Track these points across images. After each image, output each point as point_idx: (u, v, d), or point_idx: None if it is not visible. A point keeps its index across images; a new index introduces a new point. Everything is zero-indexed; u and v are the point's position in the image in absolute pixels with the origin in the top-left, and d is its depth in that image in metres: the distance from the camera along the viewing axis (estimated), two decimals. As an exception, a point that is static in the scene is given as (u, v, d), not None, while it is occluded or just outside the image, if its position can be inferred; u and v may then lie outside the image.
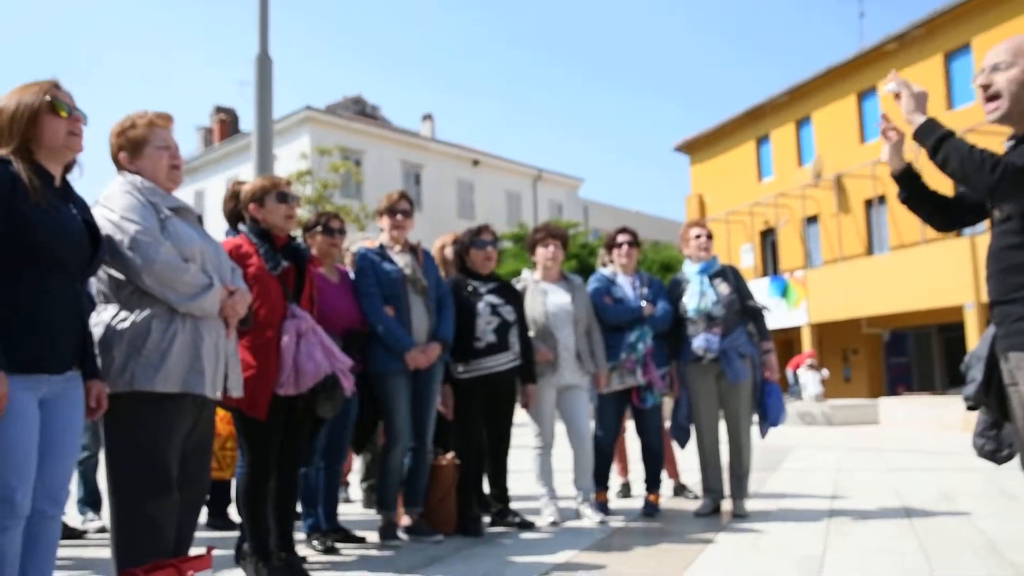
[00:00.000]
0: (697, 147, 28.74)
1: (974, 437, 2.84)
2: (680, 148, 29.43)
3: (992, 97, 2.48)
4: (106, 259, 2.70)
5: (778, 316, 22.54)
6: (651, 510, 5.35)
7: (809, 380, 17.66)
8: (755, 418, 5.36)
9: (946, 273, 17.76)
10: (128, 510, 2.72)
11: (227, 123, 36.63)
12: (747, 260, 25.99)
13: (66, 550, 4.34)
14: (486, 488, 5.20)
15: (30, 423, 2.38)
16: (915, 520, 4.89)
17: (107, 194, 2.83)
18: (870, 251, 22.30)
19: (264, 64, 8.02)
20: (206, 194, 33.02)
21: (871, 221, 22.54)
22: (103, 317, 2.78)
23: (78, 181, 2.71)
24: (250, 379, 3.35)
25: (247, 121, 35.79)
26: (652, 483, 5.43)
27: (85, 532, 4.98)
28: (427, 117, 37.15)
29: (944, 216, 2.83)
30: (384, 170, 31.04)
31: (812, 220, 24.34)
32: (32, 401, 2.39)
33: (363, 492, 6.08)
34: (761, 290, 23.07)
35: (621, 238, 5.55)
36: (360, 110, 35.86)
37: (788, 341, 23.40)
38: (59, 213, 2.50)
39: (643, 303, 5.30)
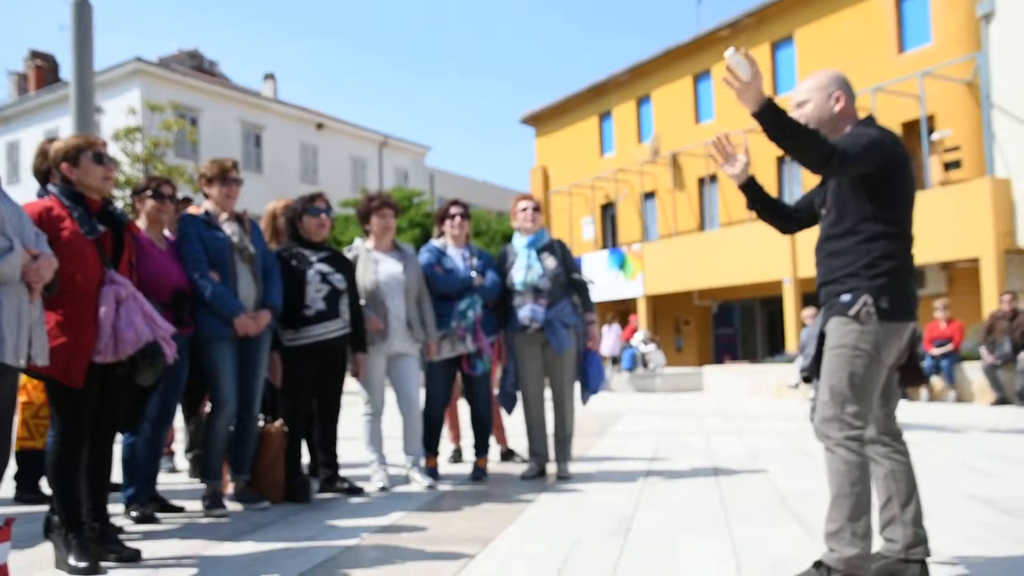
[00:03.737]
0: (542, 120, 29.21)
1: (810, 410, 3.27)
2: (526, 120, 29.81)
3: None
4: None
5: (616, 287, 23.41)
6: (479, 474, 5.52)
7: (653, 352, 18.55)
8: (578, 386, 5.62)
9: (769, 250, 18.97)
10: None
11: (44, 70, 34.03)
12: (588, 233, 26.77)
13: None
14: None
15: None
16: (720, 478, 5.30)
17: None
18: (702, 227, 23.48)
19: (83, 10, 7.51)
20: (20, 146, 30.64)
21: (704, 198, 23.70)
22: None
23: None
24: (64, 346, 3.22)
25: (68, 69, 33.40)
26: (480, 448, 5.61)
27: None
28: (269, 76, 35.81)
29: (787, 222, 3.30)
30: (222, 130, 29.79)
31: (650, 196, 25.33)
32: None
33: (188, 462, 5.93)
34: (600, 262, 23.87)
35: (453, 210, 5.65)
36: (197, 65, 34.15)
37: (624, 311, 24.35)
38: None
39: (473, 274, 5.43)
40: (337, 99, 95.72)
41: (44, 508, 4.31)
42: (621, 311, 24.14)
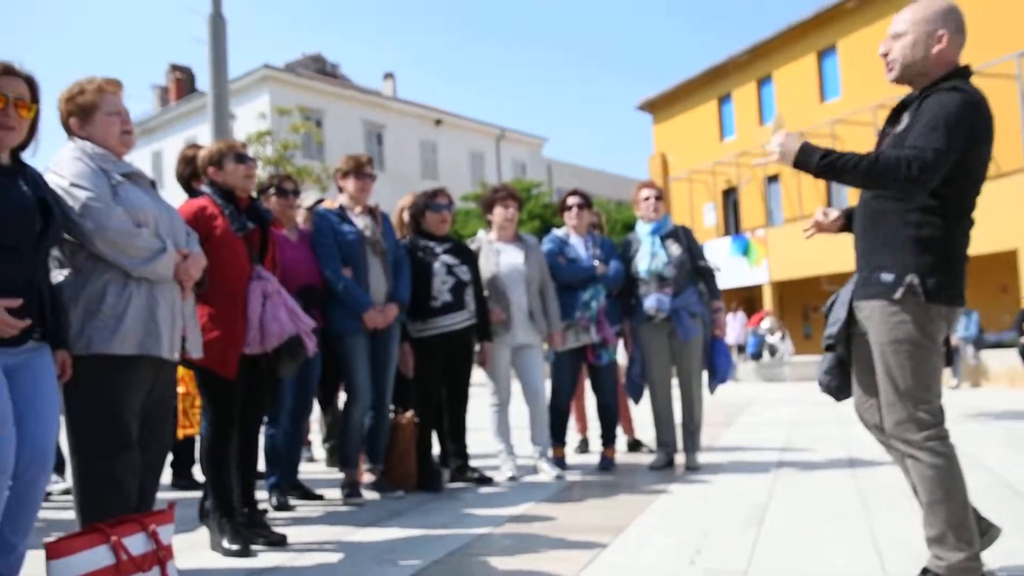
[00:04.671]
0: (659, 106, 28.78)
1: (820, 373, 3.05)
2: (643, 107, 29.44)
3: (889, 63, 2.68)
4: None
5: (740, 274, 22.87)
6: (607, 464, 5.52)
7: (780, 342, 18.06)
8: (706, 375, 5.53)
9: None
10: (90, 469, 2.79)
11: (183, 82, 35.91)
12: (709, 219, 26.24)
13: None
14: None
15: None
16: (857, 469, 5.11)
17: (57, 160, 2.86)
18: (829, 209, 22.61)
19: (218, 24, 7.93)
20: (164, 154, 32.47)
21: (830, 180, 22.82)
22: (59, 282, 2.82)
23: (32, 158, 2.74)
24: (219, 339, 3.42)
25: (204, 80, 35.12)
26: (608, 438, 5.59)
27: (50, 494, 5.03)
28: (388, 76, 36.72)
29: None
30: (345, 130, 30.71)
31: (773, 179, 24.59)
32: None
33: (325, 452, 6.18)
34: (723, 249, 23.35)
35: (571, 200, 5.64)
36: (320, 68, 35.33)
37: (749, 299, 23.76)
38: (7, 194, 2.52)
39: (596, 263, 5.42)
40: (454, 94, 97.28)
41: (197, 494, 4.59)
42: (745, 298, 23.57)
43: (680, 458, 5.53)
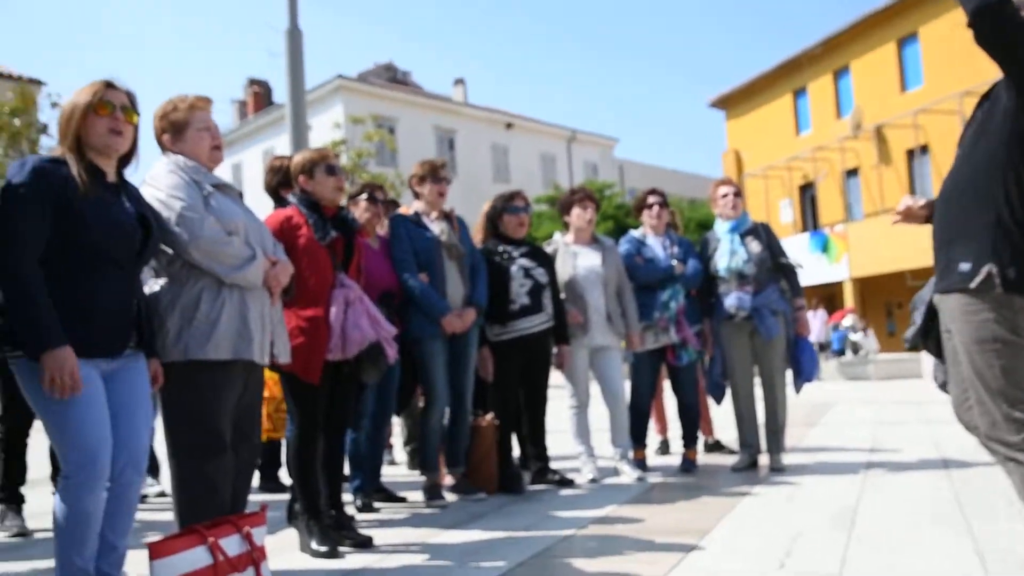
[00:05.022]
0: (732, 102, 28.34)
1: (934, 370, 2.90)
2: (715, 104, 29.04)
3: None
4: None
5: (819, 271, 22.34)
6: (688, 466, 5.45)
7: (864, 338, 17.58)
8: (789, 374, 5.42)
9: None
10: (187, 471, 2.89)
11: (261, 95, 36.86)
12: (786, 215, 25.72)
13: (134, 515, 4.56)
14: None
15: (97, 395, 2.56)
16: (952, 471, 4.93)
17: (153, 174, 2.98)
18: (912, 202, 21.91)
19: (295, 37, 8.11)
20: (243, 166, 33.35)
21: (913, 171, 22.14)
22: (156, 291, 2.93)
23: (134, 174, 2.87)
24: (303, 345, 3.50)
25: (280, 92, 35.89)
26: (689, 440, 5.53)
27: (146, 496, 5.21)
28: (459, 81, 37.02)
29: None
30: (417, 137, 31.08)
31: (852, 173, 23.97)
32: (96, 375, 2.57)
33: (407, 455, 6.26)
34: (801, 245, 22.85)
35: (651, 199, 5.59)
36: (392, 77, 35.86)
37: (830, 296, 23.19)
38: (110, 208, 2.65)
39: (674, 262, 5.36)
40: (524, 98, 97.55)
41: (284, 497, 4.70)
42: (825, 296, 23.01)
43: (764, 459, 5.42)
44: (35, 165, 2.54)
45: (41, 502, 2.92)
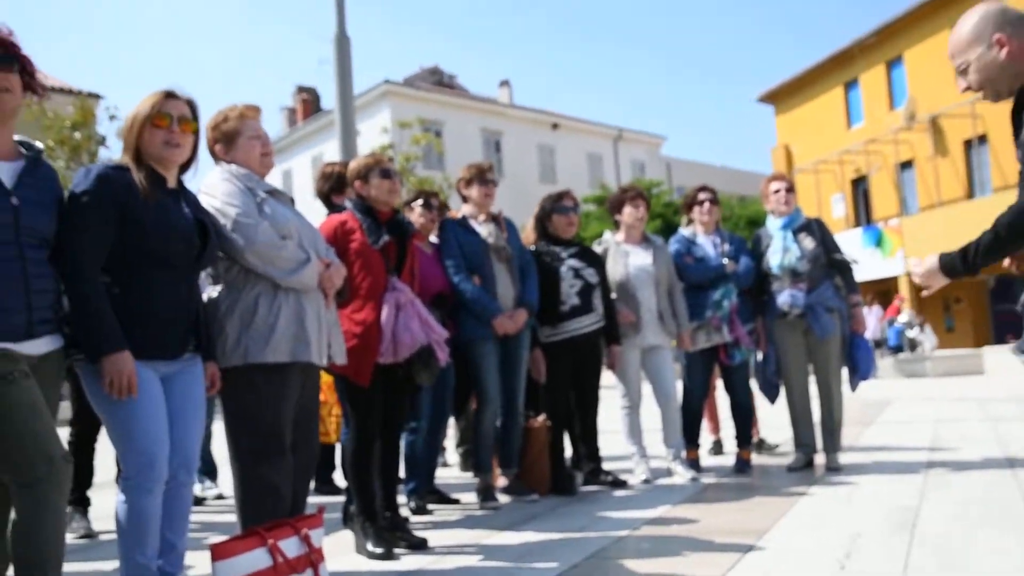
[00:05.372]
0: (781, 96, 27.94)
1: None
2: (763, 98, 28.66)
3: (978, 92, 2.49)
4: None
5: (873, 266, 21.91)
6: (743, 466, 5.38)
7: (921, 334, 17.21)
8: (845, 372, 5.32)
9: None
10: (249, 475, 2.95)
11: (309, 102, 37.34)
12: (838, 211, 25.28)
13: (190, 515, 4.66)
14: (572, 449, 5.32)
15: (156, 398, 2.63)
16: (1018, 470, 4.79)
17: (208, 182, 3.05)
18: (971, 194, 21.39)
19: (343, 44, 8.21)
20: (293, 173, 33.82)
21: (971, 162, 21.60)
22: (214, 297, 2.99)
23: (192, 179, 2.94)
24: (355, 348, 3.53)
25: (328, 99, 36.36)
26: (743, 439, 5.46)
27: (204, 499, 5.32)
28: (504, 83, 37.09)
29: None
30: (464, 139, 31.20)
31: (906, 165, 23.46)
32: (154, 378, 2.64)
33: (459, 457, 6.29)
34: (854, 241, 22.43)
35: (702, 196, 5.54)
36: (438, 80, 36.05)
37: (884, 292, 22.73)
38: (170, 214, 2.72)
39: (725, 260, 5.30)
40: (570, 98, 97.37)
41: (339, 499, 4.75)
42: (879, 292, 22.55)
43: (820, 459, 5.33)
44: (99, 173, 2.63)
45: (107, 505, 3.01)
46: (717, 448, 6.44)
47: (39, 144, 2.62)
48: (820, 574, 2.91)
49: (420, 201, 4.71)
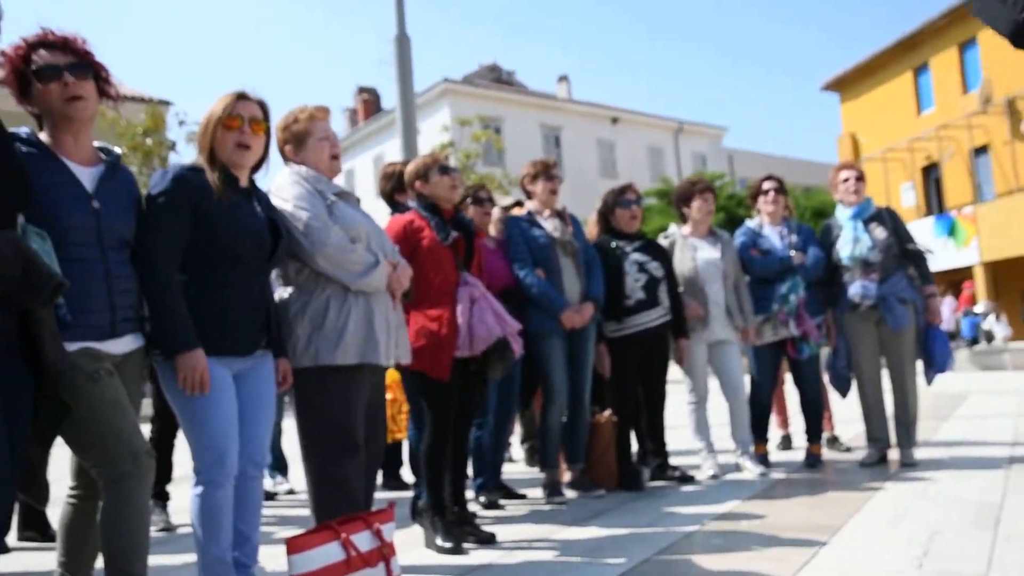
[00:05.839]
0: (847, 83, 27.27)
1: None
2: (829, 86, 28.02)
3: None
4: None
5: (946, 256, 21.26)
6: (813, 461, 5.28)
7: (995, 324, 16.66)
8: (920, 365, 5.18)
9: None
10: (322, 472, 3.00)
11: (370, 102, 37.75)
12: (908, 199, 24.59)
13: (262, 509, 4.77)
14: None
15: (228, 395, 2.69)
16: (1105, 464, 4.61)
17: (278, 184, 3.10)
18: (1050, 180, 20.59)
19: (403, 43, 8.29)
20: (355, 173, 34.25)
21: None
22: (285, 298, 3.05)
23: (264, 178, 3.01)
24: (432, 344, 3.58)
25: (388, 98, 36.78)
26: (813, 434, 5.35)
27: (276, 494, 5.43)
28: (563, 78, 36.97)
29: None
30: (523, 135, 31.20)
31: (981, 151, 22.70)
32: (227, 375, 2.71)
33: (524, 452, 6.30)
34: (925, 230, 21.80)
35: (767, 185, 5.45)
36: (496, 77, 36.11)
37: (956, 282, 22.03)
38: (242, 213, 2.78)
39: (792, 252, 5.20)
40: (630, 91, 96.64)
41: (406, 494, 4.80)
42: (952, 282, 21.87)
43: (894, 454, 5.20)
44: (175, 174, 2.70)
45: (186, 499, 3.10)
46: (786, 443, 6.33)
47: (118, 149, 2.71)
48: (898, 572, 2.84)
49: (469, 199, 4.73)
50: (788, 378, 5.85)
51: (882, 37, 50.01)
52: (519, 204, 5.36)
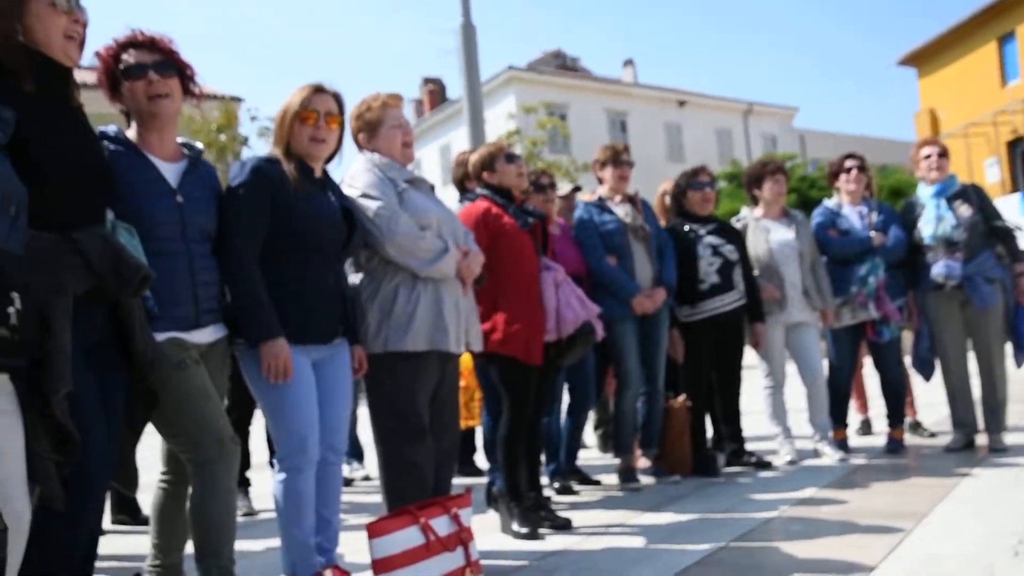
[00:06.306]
0: (925, 58, 26.31)
1: None
2: (904, 61, 27.08)
3: None
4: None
5: (1033, 234, 20.42)
6: (895, 446, 5.14)
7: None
8: (1009, 347, 4.98)
9: None
10: (392, 455, 3.05)
11: (435, 93, 37.93)
12: (992, 175, 23.65)
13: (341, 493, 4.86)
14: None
15: (308, 383, 2.75)
16: None
17: (351, 173, 3.15)
18: None
19: (468, 32, 8.29)
20: (422, 163, 34.50)
21: None
22: (356, 285, 3.09)
23: (336, 168, 3.06)
24: (522, 330, 3.58)
25: (453, 89, 36.93)
26: (895, 419, 5.21)
27: (352, 480, 5.53)
28: (628, 63, 36.59)
29: None
30: (589, 121, 30.98)
31: (1070, 123, 21.69)
32: (306, 363, 2.76)
33: (597, 438, 6.28)
34: (1012, 207, 20.95)
35: (849, 163, 5.29)
36: (561, 64, 35.92)
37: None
38: (318, 202, 2.83)
39: (872, 233, 5.04)
40: (696, 74, 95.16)
41: (481, 480, 4.83)
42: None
43: (981, 439, 5.02)
44: (253, 166, 2.77)
45: (264, 485, 3.19)
46: (866, 428, 6.18)
47: (199, 145, 2.79)
48: (991, 560, 2.74)
49: (531, 187, 4.70)
50: (867, 362, 5.70)
51: (961, 7, 48.14)
52: (578, 190, 5.34)
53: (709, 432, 5.11)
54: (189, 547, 2.70)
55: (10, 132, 1.90)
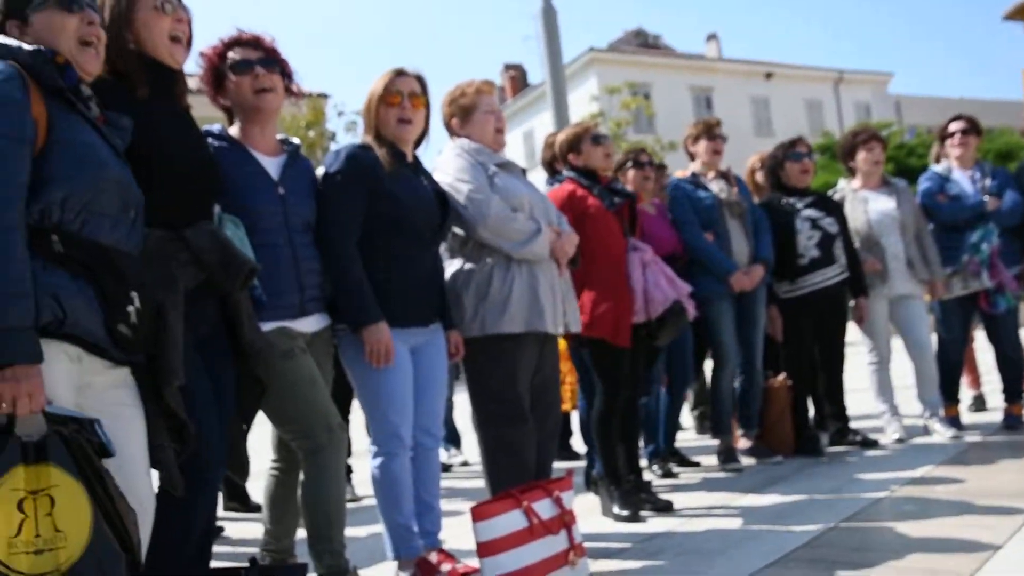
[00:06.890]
0: (1032, 12, 24.87)
1: None
2: (1011, 15, 25.66)
3: None
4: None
5: None
6: (1013, 422, 4.90)
7: None
8: None
9: None
10: (493, 439, 3.07)
11: (517, 79, 37.93)
12: (1109, 135, 22.26)
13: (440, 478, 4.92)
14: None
15: (405, 369, 2.79)
16: None
17: (442, 159, 3.18)
18: None
19: (549, 15, 8.24)
20: (505, 150, 34.51)
21: None
22: (451, 271, 3.12)
23: (424, 152, 3.08)
24: (610, 311, 3.56)
25: (535, 74, 36.80)
26: (1012, 394, 4.95)
27: (451, 466, 5.60)
28: (712, 37, 35.88)
29: None
30: (673, 99, 30.48)
31: None
32: (405, 350, 2.80)
33: (694, 419, 6.20)
34: None
35: (954, 127, 5.04)
36: (642, 42, 35.45)
37: None
38: (412, 186, 2.87)
39: (986, 198, 4.80)
40: (782, 44, 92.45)
41: (579, 464, 4.83)
42: None
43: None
44: (348, 152, 2.83)
45: (366, 471, 3.25)
46: (979, 404, 5.90)
47: (297, 140, 2.86)
48: None
49: (630, 163, 4.62)
50: (979, 335, 5.45)
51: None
52: (663, 167, 5.25)
53: (811, 412, 4.97)
54: (300, 532, 2.78)
55: (128, 139, 1.98)
